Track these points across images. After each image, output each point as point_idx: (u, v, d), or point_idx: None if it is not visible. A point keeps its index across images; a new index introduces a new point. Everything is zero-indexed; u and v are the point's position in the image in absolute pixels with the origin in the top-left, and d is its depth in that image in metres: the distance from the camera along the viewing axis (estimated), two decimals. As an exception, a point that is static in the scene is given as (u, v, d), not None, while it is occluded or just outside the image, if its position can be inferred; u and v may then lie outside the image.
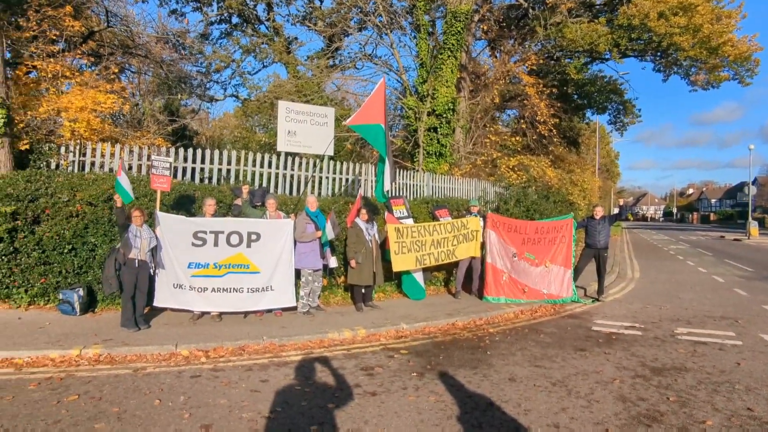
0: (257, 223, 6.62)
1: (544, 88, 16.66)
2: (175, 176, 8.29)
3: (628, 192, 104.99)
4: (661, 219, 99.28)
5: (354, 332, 6.04)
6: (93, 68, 12.31)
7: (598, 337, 6.34)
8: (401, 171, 11.15)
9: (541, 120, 16.10)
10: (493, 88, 16.38)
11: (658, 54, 18.40)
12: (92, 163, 8.27)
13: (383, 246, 7.74)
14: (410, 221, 8.44)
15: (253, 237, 6.51)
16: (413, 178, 11.51)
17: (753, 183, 38.00)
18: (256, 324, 6.26)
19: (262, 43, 20.32)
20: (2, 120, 7.29)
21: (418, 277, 8.32)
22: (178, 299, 6.24)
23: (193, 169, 8.81)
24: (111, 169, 8.19)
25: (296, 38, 22.01)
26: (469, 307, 7.72)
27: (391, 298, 8.27)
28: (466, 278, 8.66)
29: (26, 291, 6.45)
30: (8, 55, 9.54)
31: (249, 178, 9.16)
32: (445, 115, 13.03)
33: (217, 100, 22.28)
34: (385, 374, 4.71)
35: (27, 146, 7.98)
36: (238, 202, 7.28)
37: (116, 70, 12.42)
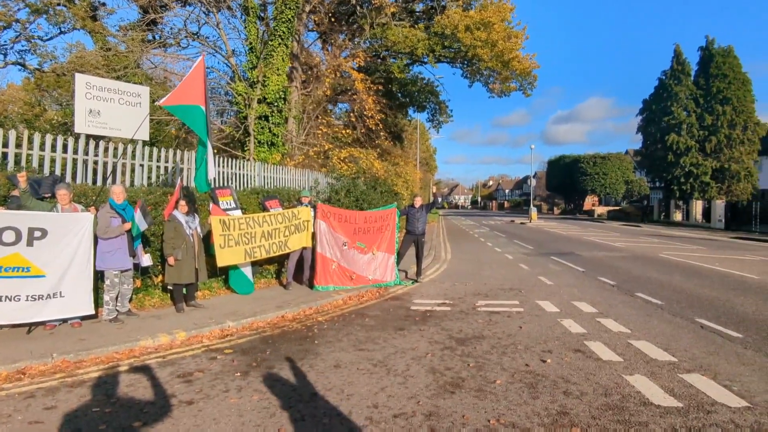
0: (43, 218, 5.48)
1: (372, 85, 17.53)
2: None
3: (444, 183, 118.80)
4: (469, 206, 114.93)
5: (172, 336, 5.51)
6: None
7: (415, 316, 6.98)
8: (230, 160, 10.51)
9: (369, 115, 16.92)
10: (325, 80, 16.59)
11: (465, 62, 20.97)
12: None
13: (207, 240, 7.21)
14: (238, 212, 8.03)
15: (37, 234, 5.38)
16: (243, 167, 10.96)
17: (533, 176, 46.69)
18: (44, 339, 5.24)
19: (59, 3, 16.83)
20: None
21: (246, 270, 8.00)
22: None
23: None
24: None
25: (104, 4, 18.72)
26: (299, 297, 7.73)
27: (217, 295, 7.79)
28: (298, 269, 8.66)
29: None
30: None
31: (36, 165, 7.53)
32: (276, 104, 12.70)
33: (-7, 67, 17.74)
34: (205, 379, 4.41)
35: None
36: (16, 193, 5.93)
37: None
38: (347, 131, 17.64)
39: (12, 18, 16.67)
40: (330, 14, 17.15)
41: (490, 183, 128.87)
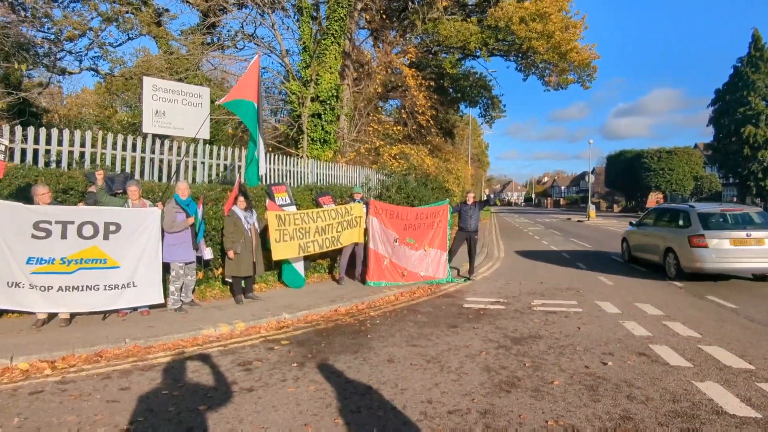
0: (117, 212, 5.89)
1: (423, 81, 17.42)
2: (11, 159, 6.98)
3: (496, 180, 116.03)
4: (522, 204, 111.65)
5: (232, 326, 5.75)
6: None
7: (468, 314, 6.87)
8: (285, 157, 10.82)
9: (420, 111, 16.83)
10: (376, 77, 16.67)
11: (520, 55, 20.36)
12: None
13: (264, 234, 7.46)
14: (293, 208, 8.25)
15: (112, 228, 5.79)
16: (297, 164, 11.25)
17: (591, 172, 44.54)
18: (118, 326, 5.63)
19: (127, 11, 17.99)
20: None
21: (298, 265, 8.21)
22: (13, 300, 5.29)
23: (36, 151, 7.51)
24: None
25: (167, 10, 19.83)
26: (351, 292, 7.83)
27: (273, 288, 8.04)
28: (350, 264, 8.78)
29: None
30: None
31: (108, 163, 8.09)
32: (329, 102, 12.92)
33: (71, 73, 19.24)
34: (264, 368, 4.57)
35: None
36: (93, 189, 6.40)
37: None
38: (398, 128, 17.65)
39: (86, 27, 17.98)
40: (381, 11, 17.20)
41: (545, 179, 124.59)
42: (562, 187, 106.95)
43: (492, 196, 11.89)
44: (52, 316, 5.64)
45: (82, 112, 23.13)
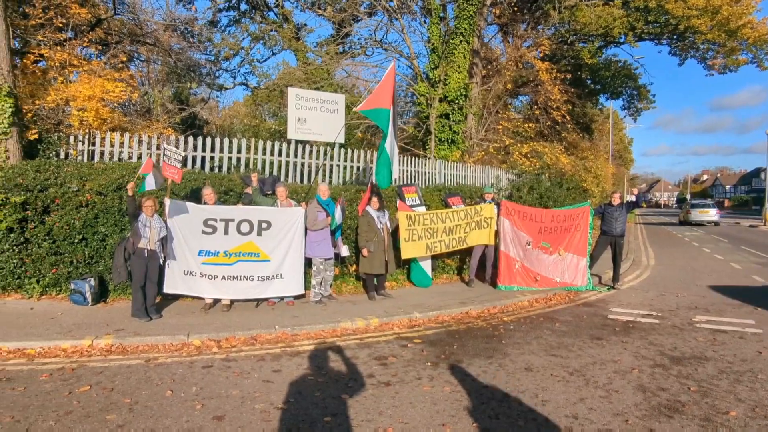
0: (268, 212, 6.55)
1: (558, 74, 16.29)
2: (184, 165, 8.21)
3: (641, 179, 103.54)
4: (674, 205, 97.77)
5: (367, 321, 5.98)
6: (101, 57, 12.26)
7: (614, 326, 6.21)
8: (413, 159, 11.00)
9: (555, 106, 15.78)
10: (506, 73, 16.06)
11: (675, 37, 17.88)
12: (102, 153, 8.23)
13: (395, 234, 7.64)
14: (423, 209, 8.32)
15: (264, 225, 6.45)
16: (425, 165, 11.35)
17: (769, 169, 37.07)
18: (268, 313, 6.23)
19: (271, 29, 20.11)
20: (10, 109, 7.22)
21: (425, 265, 8.24)
22: (188, 286, 6.21)
23: (203, 158, 8.74)
24: (120, 159, 8.14)
25: (305, 24, 21.76)
26: (482, 295, 7.61)
27: (403, 286, 8.19)
28: (480, 266, 8.56)
29: (38, 281, 6.46)
30: (16, 44, 9.48)
31: (259, 167, 9.07)
32: (457, 102, 12.81)
33: (226, 89, 22.17)
34: (398, 364, 4.65)
35: (36, 136, 7.93)
36: (248, 190, 7.20)
37: (125, 59, 12.35)
38: (529, 125, 16.78)
39: (239, 47, 20.53)
40: (512, 4, 16.52)
41: (704, 177, 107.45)
42: (727, 186, 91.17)
43: (640, 197, 10.59)
44: (216, 301, 6.47)
45: (233, 122, 26.38)
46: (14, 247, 6.35)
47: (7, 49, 7.41)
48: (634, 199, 9.47)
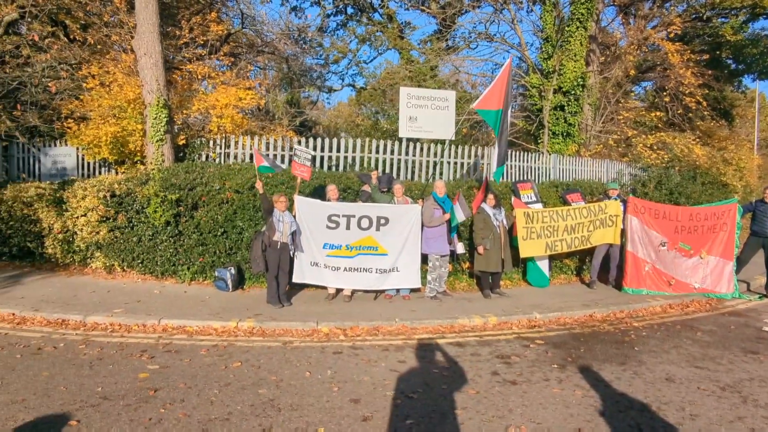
0: (386, 208, 6.80)
1: (691, 55, 14.52)
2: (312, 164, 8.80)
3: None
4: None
5: (485, 319, 5.93)
6: (230, 68, 13.61)
7: (773, 340, 5.45)
8: (525, 154, 10.61)
9: (687, 91, 14.10)
10: (628, 58, 14.73)
11: None
12: (235, 155, 9.16)
13: (511, 232, 7.46)
14: (539, 206, 8.00)
15: (382, 221, 6.71)
16: (538, 160, 10.88)
17: None
18: (387, 306, 6.47)
19: (377, 30, 20.67)
20: (165, 119, 8.37)
21: (543, 265, 7.90)
22: (314, 276, 6.70)
23: (321, 158, 9.31)
24: (251, 157, 8.98)
25: (409, 23, 21.96)
26: (606, 298, 7.13)
27: (518, 286, 7.96)
28: (602, 267, 8.00)
29: (188, 268, 7.41)
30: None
31: (372, 165, 9.41)
32: (573, 92, 12.06)
33: (335, 91, 23.31)
34: (522, 364, 4.56)
35: (183, 141, 9.11)
36: (366, 188, 7.51)
37: (251, 69, 13.60)
38: (655, 114, 15.21)
39: (347, 49, 21.40)
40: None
41: None
42: None
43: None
44: (337, 292, 6.87)
45: (337, 122, 27.62)
46: (170, 238, 7.36)
47: (162, 66, 8.58)
48: None
